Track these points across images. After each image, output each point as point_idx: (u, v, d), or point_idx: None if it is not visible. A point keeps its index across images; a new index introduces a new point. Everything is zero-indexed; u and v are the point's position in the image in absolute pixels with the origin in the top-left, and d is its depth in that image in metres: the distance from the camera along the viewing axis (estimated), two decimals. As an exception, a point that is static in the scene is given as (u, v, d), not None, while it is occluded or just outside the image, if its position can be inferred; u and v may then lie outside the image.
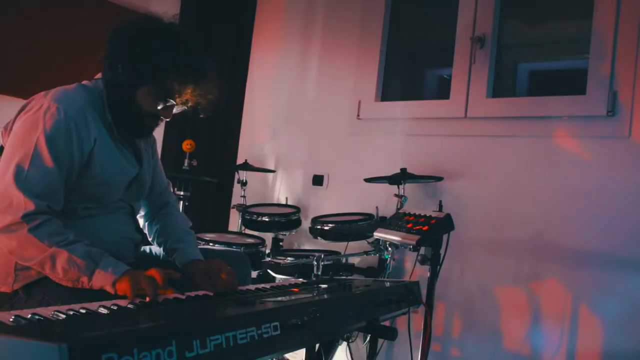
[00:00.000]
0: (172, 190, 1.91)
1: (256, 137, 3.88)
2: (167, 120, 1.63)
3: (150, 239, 1.80)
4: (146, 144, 1.75)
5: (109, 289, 1.35)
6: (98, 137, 1.50)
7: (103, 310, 1.10)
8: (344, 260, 2.82)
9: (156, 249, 1.80)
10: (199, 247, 1.77)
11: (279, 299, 1.33)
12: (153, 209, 1.81)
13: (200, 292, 1.44)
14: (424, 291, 1.90)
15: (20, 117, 1.48)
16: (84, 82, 1.60)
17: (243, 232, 3.20)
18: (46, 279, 1.43)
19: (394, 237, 1.94)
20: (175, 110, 1.61)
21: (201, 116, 1.67)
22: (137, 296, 1.29)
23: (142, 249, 1.77)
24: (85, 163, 1.48)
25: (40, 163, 1.40)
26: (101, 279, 1.35)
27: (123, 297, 1.31)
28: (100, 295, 1.32)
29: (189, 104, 1.59)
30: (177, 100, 1.55)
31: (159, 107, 1.55)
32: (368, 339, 2.65)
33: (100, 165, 1.51)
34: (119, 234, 1.58)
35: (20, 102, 1.55)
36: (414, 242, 1.83)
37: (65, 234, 1.39)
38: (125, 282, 1.33)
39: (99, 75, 1.60)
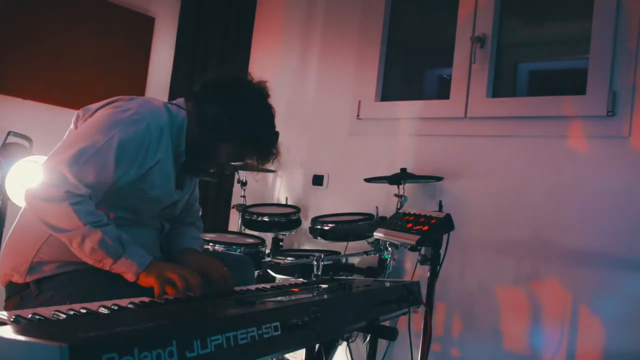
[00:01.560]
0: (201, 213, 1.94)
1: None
2: (225, 173, 1.75)
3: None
4: (190, 178, 1.81)
5: (129, 276, 1.39)
6: (162, 159, 1.55)
7: (103, 310, 1.10)
8: (344, 260, 2.82)
9: None
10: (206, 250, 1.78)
11: (279, 299, 1.33)
12: (178, 224, 1.83)
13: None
14: (424, 291, 1.90)
15: (104, 110, 1.51)
16: (168, 103, 1.65)
17: (243, 232, 3.20)
18: (59, 277, 1.45)
19: (394, 237, 1.94)
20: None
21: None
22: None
23: None
24: (140, 176, 1.52)
25: (102, 160, 1.43)
26: (125, 266, 1.39)
27: (131, 292, 1.34)
28: (114, 296, 1.32)
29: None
30: (245, 162, 1.69)
31: (229, 163, 1.66)
32: (368, 339, 2.64)
33: (153, 184, 1.55)
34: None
35: (21, 102, 1.57)
36: (414, 242, 1.83)
37: (100, 215, 1.42)
38: (152, 278, 1.37)
39: (180, 101, 1.65)
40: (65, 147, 1.45)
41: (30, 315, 0.99)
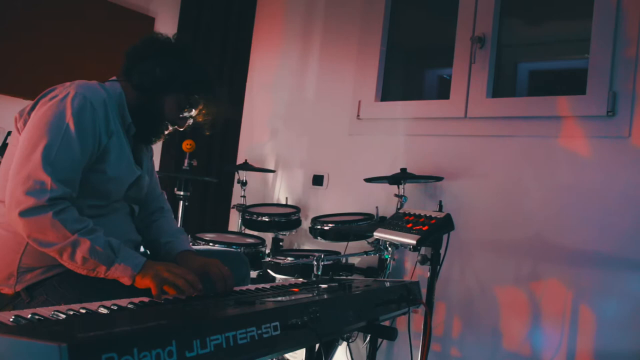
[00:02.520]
0: (166, 197, 1.94)
1: (256, 137, 3.88)
2: (181, 129, 1.73)
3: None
4: (147, 148, 1.79)
5: (125, 280, 1.39)
6: (114, 132, 1.55)
7: (103, 310, 1.10)
8: (344, 260, 2.82)
9: None
10: (198, 247, 1.78)
11: (279, 299, 1.33)
12: (148, 212, 1.82)
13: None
14: (424, 291, 1.90)
15: (44, 103, 1.48)
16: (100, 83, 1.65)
17: (243, 232, 3.20)
18: (49, 280, 1.43)
19: (394, 237, 1.94)
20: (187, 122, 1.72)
21: (207, 133, 1.82)
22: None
23: (142, 250, 1.78)
24: (99, 155, 1.51)
25: (69, 149, 1.42)
26: (119, 271, 1.38)
27: (125, 291, 1.34)
28: (107, 296, 1.32)
29: (198, 119, 1.72)
30: (195, 112, 1.68)
31: (180, 116, 1.67)
32: (368, 339, 2.64)
33: (111, 161, 1.54)
34: (121, 235, 1.58)
35: (20, 102, 1.56)
36: (414, 242, 1.83)
37: (86, 221, 1.41)
38: (148, 279, 1.36)
39: (112, 78, 1.68)
40: (28, 152, 1.40)
41: (29, 316, 0.99)
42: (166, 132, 1.71)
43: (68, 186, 1.41)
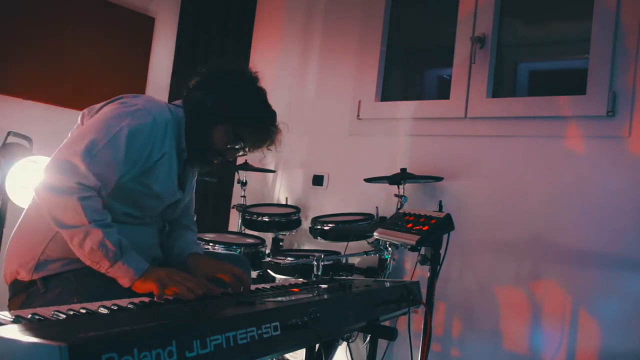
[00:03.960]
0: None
1: (256, 137, 3.87)
2: (229, 160, 1.76)
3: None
4: (192, 174, 1.83)
5: (124, 282, 1.39)
6: (167, 153, 1.59)
7: (103, 310, 1.10)
8: (344, 260, 2.82)
9: None
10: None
11: (279, 299, 1.33)
12: (175, 227, 1.84)
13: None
14: (424, 291, 1.90)
15: (111, 105, 1.55)
16: (168, 104, 1.70)
17: (243, 232, 3.20)
18: (66, 273, 1.46)
19: (394, 237, 1.94)
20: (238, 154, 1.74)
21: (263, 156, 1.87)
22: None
23: None
24: (146, 170, 1.55)
25: (113, 150, 1.46)
26: (121, 271, 1.39)
27: (132, 294, 1.35)
28: (121, 294, 1.34)
29: (251, 152, 1.73)
30: (245, 145, 1.69)
31: (227, 147, 1.67)
32: (368, 339, 2.64)
33: (157, 179, 1.58)
34: (144, 249, 1.59)
35: (21, 102, 1.59)
36: (413, 242, 1.83)
37: (105, 214, 1.44)
38: (150, 283, 1.37)
39: (178, 102, 1.71)
40: (75, 140, 1.46)
41: (30, 316, 1.00)
42: (216, 162, 1.73)
43: (100, 181, 1.44)
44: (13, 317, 0.97)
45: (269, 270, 2.74)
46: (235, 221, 3.64)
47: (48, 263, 1.47)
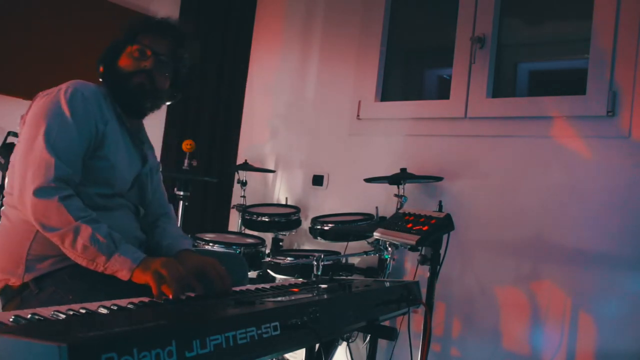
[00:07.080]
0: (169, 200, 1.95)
1: (256, 137, 3.88)
2: (159, 87, 1.70)
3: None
4: (152, 154, 1.81)
5: (123, 274, 1.36)
6: (110, 121, 1.59)
7: (103, 310, 1.10)
8: (344, 260, 2.82)
9: None
10: (197, 248, 1.78)
11: (279, 299, 1.32)
12: (153, 217, 1.82)
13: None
14: (423, 291, 1.90)
15: (39, 99, 1.55)
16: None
17: (243, 232, 3.20)
18: (59, 271, 1.44)
19: (394, 237, 1.94)
20: (163, 71, 1.72)
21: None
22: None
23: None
24: (98, 142, 1.55)
25: (67, 132, 1.47)
26: (119, 263, 1.37)
27: (133, 285, 1.34)
28: (115, 290, 1.32)
29: (172, 60, 1.74)
30: (153, 52, 1.68)
31: (142, 65, 1.66)
32: (368, 339, 2.64)
33: (110, 147, 1.58)
34: (126, 232, 1.57)
35: (20, 102, 1.59)
36: (413, 242, 1.83)
37: (89, 211, 1.43)
38: (148, 274, 1.34)
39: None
40: (30, 140, 1.46)
41: (29, 316, 0.99)
42: (146, 82, 1.67)
43: (70, 167, 1.45)
44: (12, 317, 0.97)
45: (268, 270, 2.74)
46: (235, 221, 3.64)
47: (36, 263, 1.45)
